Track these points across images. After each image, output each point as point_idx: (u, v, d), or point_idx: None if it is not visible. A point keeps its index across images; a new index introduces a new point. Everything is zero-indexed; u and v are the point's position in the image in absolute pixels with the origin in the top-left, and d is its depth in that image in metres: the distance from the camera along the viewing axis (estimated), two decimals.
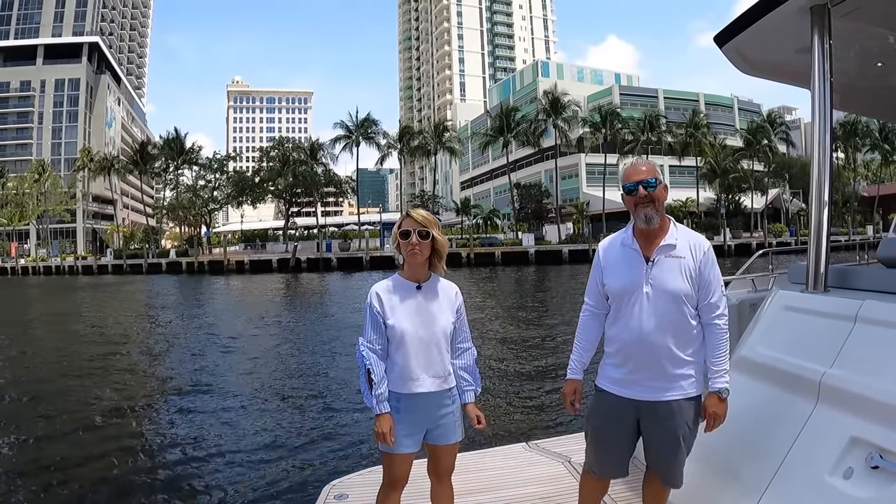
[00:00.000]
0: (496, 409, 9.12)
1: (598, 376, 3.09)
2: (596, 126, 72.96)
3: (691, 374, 2.89)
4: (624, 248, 2.99)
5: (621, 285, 2.93)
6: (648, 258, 2.89)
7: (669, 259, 2.87)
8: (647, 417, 2.90)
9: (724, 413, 2.86)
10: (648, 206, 2.87)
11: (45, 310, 30.60)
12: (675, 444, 2.86)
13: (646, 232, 2.91)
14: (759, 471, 2.67)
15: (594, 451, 3.09)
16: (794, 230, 72.11)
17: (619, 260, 2.98)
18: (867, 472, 2.26)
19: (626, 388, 2.92)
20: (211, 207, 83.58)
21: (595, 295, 3.08)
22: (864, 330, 2.61)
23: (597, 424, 3.06)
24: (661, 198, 2.91)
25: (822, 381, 2.58)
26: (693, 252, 2.89)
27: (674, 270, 2.86)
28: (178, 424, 9.09)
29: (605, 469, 3.09)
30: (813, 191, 3.22)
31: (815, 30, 3.18)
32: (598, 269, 3.08)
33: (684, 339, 2.86)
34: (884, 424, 2.27)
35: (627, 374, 2.91)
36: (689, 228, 3.01)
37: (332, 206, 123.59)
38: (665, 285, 2.84)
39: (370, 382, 2.95)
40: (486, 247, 62.81)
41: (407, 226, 3.01)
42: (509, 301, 26.20)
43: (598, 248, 3.14)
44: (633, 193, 2.91)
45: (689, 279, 2.86)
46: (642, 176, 2.90)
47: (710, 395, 2.87)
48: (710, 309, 2.88)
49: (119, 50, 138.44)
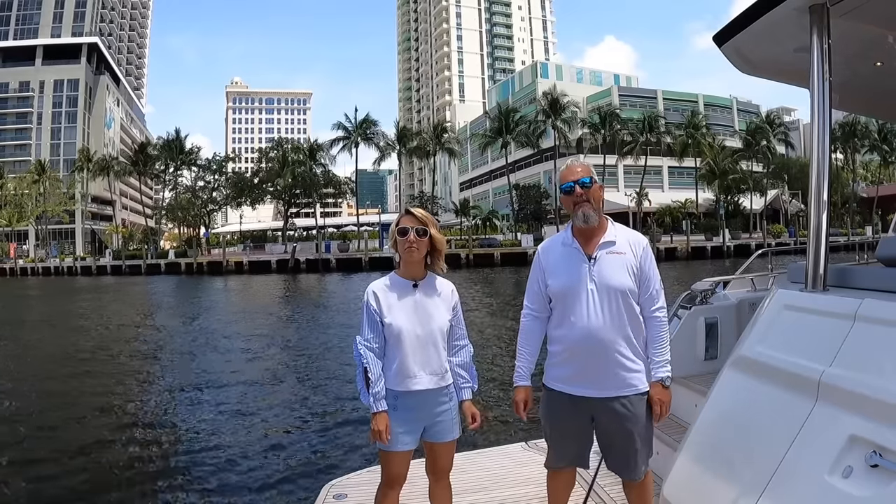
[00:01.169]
0: (494, 408, 9.12)
1: (545, 376, 3.11)
2: (595, 127, 73.10)
3: (640, 369, 2.94)
4: (565, 247, 3.03)
5: (564, 284, 2.96)
6: (590, 256, 2.94)
7: (611, 256, 2.93)
8: (601, 415, 2.94)
9: (669, 401, 2.95)
10: (585, 204, 2.93)
11: (46, 311, 30.56)
12: (630, 439, 2.91)
13: (585, 231, 2.97)
14: (757, 470, 2.67)
15: (555, 449, 3.13)
16: (794, 231, 72.10)
17: (561, 260, 3.02)
18: (866, 471, 2.25)
19: (577, 387, 2.95)
20: (210, 208, 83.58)
21: (536, 298, 3.11)
22: (863, 328, 2.61)
23: (554, 424, 3.09)
24: (598, 196, 2.99)
25: (821, 380, 2.58)
26: (633, 249, 2.96)
27: (616, 266, 2.92)
28: (177, 424, 9.09)
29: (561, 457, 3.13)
30: (812, 190, 3.21)
31: (814, 29, 3.18)
32: (538, 271, 3.11)
33: (631, 335, 2.92)
34: (883, 423, 2.27)
35: (577, 373, 2.94)
36: (625, 226, 3.08)
37: (331, 206, 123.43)
38: (609, 281, 2.89)
39: (367, 381, 2.96)
40: (486, 248, 62.78)
41: (405, 223, 3.02)
42: (508, 301, 26.18)
43: (538, 250, 3.19)
44: (570, 193, 2.97)
45: (632, 274, 2.92)
46: (578, 175, 2.97)
47: (653, 385, 2.93)
48: (650, 302, 2.96)
49: (118, 51, 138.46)
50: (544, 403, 3.12)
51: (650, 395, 2.92)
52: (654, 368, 2.94)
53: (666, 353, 2.95)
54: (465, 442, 6.53)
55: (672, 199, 75.91)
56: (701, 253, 59.26)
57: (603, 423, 2.96)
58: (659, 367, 2.93)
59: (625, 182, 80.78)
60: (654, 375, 2.94)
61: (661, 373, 2.93)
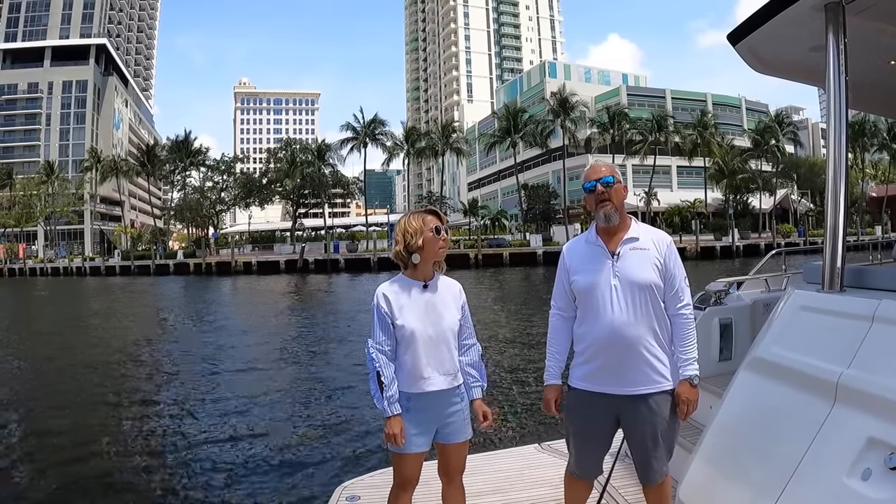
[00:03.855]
0: (508, 409, 9.09)
1: (570, 378, 3.09)
2: (604, 126, 72.93)
3: (665, 367, 2.92)
4: (588, 245, 3.04)
5: (588, 281, 2.95)
6: (613, 252, 2.94)
7: (635, 251, 2.93)
8: (626, 413, 2.92)
9: (696, 399, 2.91)
10: (608, 203, 2.95)
11: (61, 314, 30.71)
12: (654, 440, 2.88)
13: (608, 229, 2.98)
14: (774, 473, 2.65)
15: (578, 452, 3.10)
16: (803, 231, 71.76)
17: (584, 258, 3.02)
18: (885, 473, 2.23)
19: (602, 385, 2.92)
20: (218, 209, 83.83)
21: (563, 298, 3.11)
22: (881, 330, 2.58)
23: (578, 425, 3.06)
24: (620, 196, 3.00)
25: (839, 382, 2.55)
26: (657, 245, 2.96)
27: (640, 262, 2.91)
28: (190, 426, 9.09)
29: (588, 470, 3.11)
30: (829, 189, 3.19)
31: (830, 27, 3.16)
32: (563, 272, 3.11)
33: (657, 330, 2.90)
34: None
35: (601, 370, 2.92)
36: (649, 225, 3.09)
37: (339, 207, 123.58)
38: (632, 277, 2.88)
39: (380, 385, 2.95)
40: (494, 248, 62.81)
41: (436, 223, 3.04)
42: (519, 302, 26.17)
43: (563, 250, 3.18)
44: (592, 192, 2.99)
45: (656, 270, 2.91)
46: (601, 174, 2.99)
47: (681, 383, 2.90)
48: (675, 300, 2.93)
49: (126, 52, 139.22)
50: (569, 404, 3.10)
51: (677, 393, 2.90)
52: (682, 367, 2.91)
53: (693, 352, 2.93)
54: (479, 444, 6.53)
55: (681, 198, 75.70)
56: (710, 253, 59.03)
57: (629, 422, 2.93)
58: (686, 364, 2.91)
59: (633, 182, 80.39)
60: (682, 374, 2.91)
61: (689, 371, 2.90)
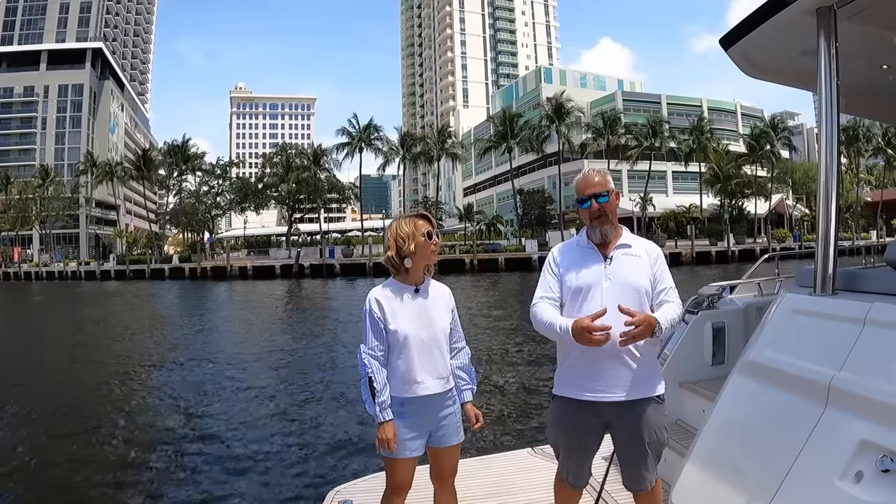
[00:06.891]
0: (501, 414, 9.08)
1: (555, 387, 3.05)
2: (599, 132, 72.97)
3: (653, 373, 2.91)
4: (581, 248, 3.02)
5: (579, 280, 2.92)
6: (606, 256, 2.93)
7: (627, 256, 2.93)
8: (613, 419, 2.90)
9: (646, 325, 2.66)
10: (603, 220, 2.92)
11: (59, 320, 30.61)
12: (640, 445, 2.87)
13: None
14: (767, 476, 2.65)
15: (569, 460, 3.06)
16: (798, 235, 71.95)
17: (577, 259, 3.00)
18: (878, 476, 2.23)
19: (589, 391, 2.87)
20: (214, 213, 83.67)
21: (549, 291, 2.98)
22: (873, 332, 2.59)
23: (569, 433, 3.00)
24: (615, 208, 2.97)
25: (831, 385, 2.56)
26: (648, 254, 2.95)
27: (632, 266, 2.90)
28: (182, 430, 9.08)
29: (580, 477, 3.08)
30: (820, 192, 3.20)
31: (821, 32, 3.17)
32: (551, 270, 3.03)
33: None
34: (894, 428, 2.25)
35: (589, 375, 2.86)
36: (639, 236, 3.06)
37: (335, 212, 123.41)
38: (624, 279, 2.87)
39: (373, 390, 2.94)
40: (490, 253, 62.76)
41: (428, 227, 3.04)
42: (514, 307, 26.16)
43: (552, 251, 3.15)
44: (586, 207, 2.95)
45: (647, 276, 2.90)
46: (595, 189, 2.94)
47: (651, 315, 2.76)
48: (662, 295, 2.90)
49: (123, 56, 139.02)
50: (555, 413, 3.06)
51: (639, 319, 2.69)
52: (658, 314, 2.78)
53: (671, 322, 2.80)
54: (472, 448, 6.52)
55: (676, 203, 75.76)
56: (706, 258, 59.13)
57: (617, 429, 2.91)
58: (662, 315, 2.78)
59: (629, 186, 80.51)
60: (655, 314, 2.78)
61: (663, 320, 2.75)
